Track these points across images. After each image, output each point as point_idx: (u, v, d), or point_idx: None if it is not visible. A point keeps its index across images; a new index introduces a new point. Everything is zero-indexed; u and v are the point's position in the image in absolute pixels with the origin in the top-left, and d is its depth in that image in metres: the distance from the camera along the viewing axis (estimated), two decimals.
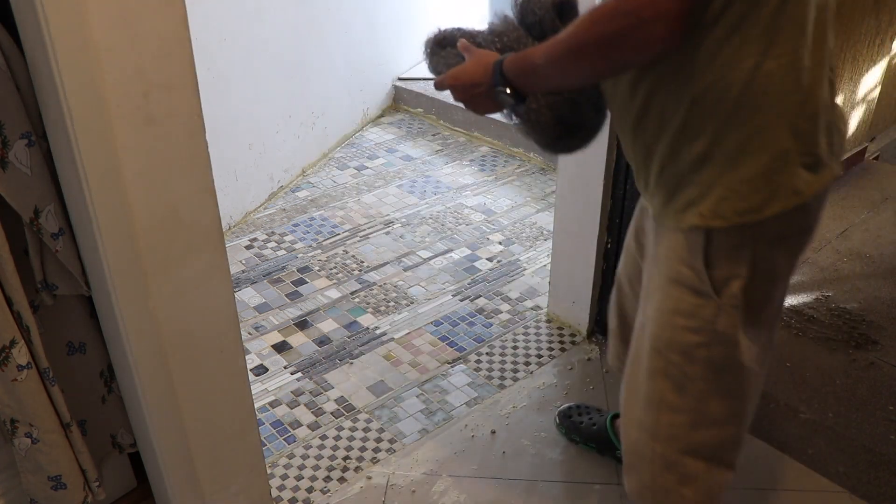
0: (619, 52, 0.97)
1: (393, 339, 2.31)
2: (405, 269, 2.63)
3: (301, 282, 2.57)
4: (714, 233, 1.08)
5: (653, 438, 1.25)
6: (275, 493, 1.79)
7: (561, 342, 2.28)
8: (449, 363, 2.21)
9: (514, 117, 1.23)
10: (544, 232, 2.84)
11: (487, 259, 2.68)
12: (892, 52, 2.99)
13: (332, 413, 2.03)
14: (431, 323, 2.37)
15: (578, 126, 1.23)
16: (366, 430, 1.98)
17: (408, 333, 2.33)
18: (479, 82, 1.21)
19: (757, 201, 1.05)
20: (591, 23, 0.98)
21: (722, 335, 1.14)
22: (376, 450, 1.92)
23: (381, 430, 1.97)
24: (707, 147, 1.04)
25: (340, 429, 1.98)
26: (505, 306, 2.44)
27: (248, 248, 2.76)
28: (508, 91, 1.16)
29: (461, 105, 1.29)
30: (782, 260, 1.15)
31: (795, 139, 1.04)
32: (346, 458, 1.89)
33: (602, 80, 1.17)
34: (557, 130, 1.21)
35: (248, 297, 2.49)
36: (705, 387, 1.18)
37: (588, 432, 1.90)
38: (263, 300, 2.48)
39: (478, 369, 2.18)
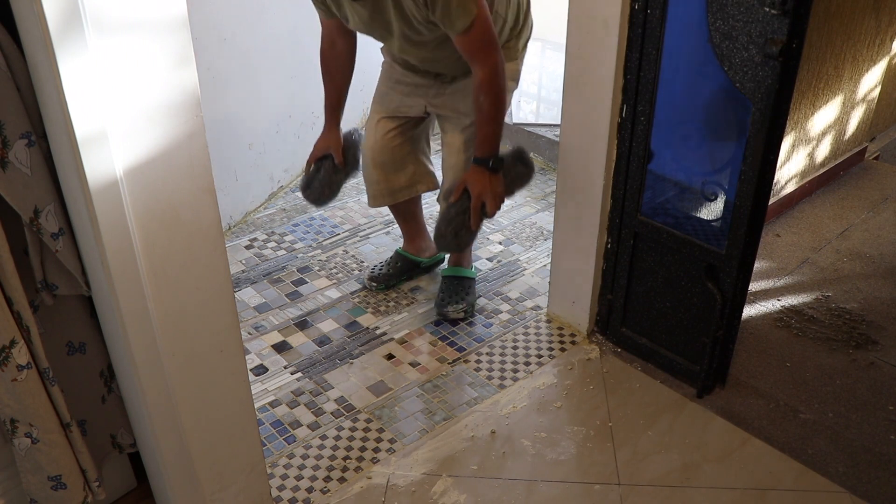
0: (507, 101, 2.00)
1: (393, 339, 2.31)
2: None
3: (301, 282, 2.57)
4: None
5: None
6: (275, 493, 1.79)
7: (561, 342, 2.28)
8: (449, 363, 2.21)
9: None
10: (544, 232, 2.84)
11: (487, 259, 2.68)
12: (892, 52, 2.99)
13: (332, 413, 2.03)
14: (431, 323, 2.37)
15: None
16: (366, 430, 1.98)
17: (408, 333, 2.33)
18: (489, 181, 1.97)
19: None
20: (497, 95, 1.91)
21: None
22: (376, 450, 1.92)
23: (381, 430, 1.97)
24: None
25: (340, 429, 1.98)
26: (505, 306, 2.44)
27: (248, 248, 2.76)
28: (498, 160, 1.97)
29: (497, 209, 2.03)
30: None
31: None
32: (346, 458, 1.89)
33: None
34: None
35: (248, 297, 2.49)
36: None
37: (396, 271, 2.51)
38: (263, 300, 2.48)
39: (478, 369, 2.18)
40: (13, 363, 1.27)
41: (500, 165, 1.95)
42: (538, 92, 3.91)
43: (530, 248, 2.75)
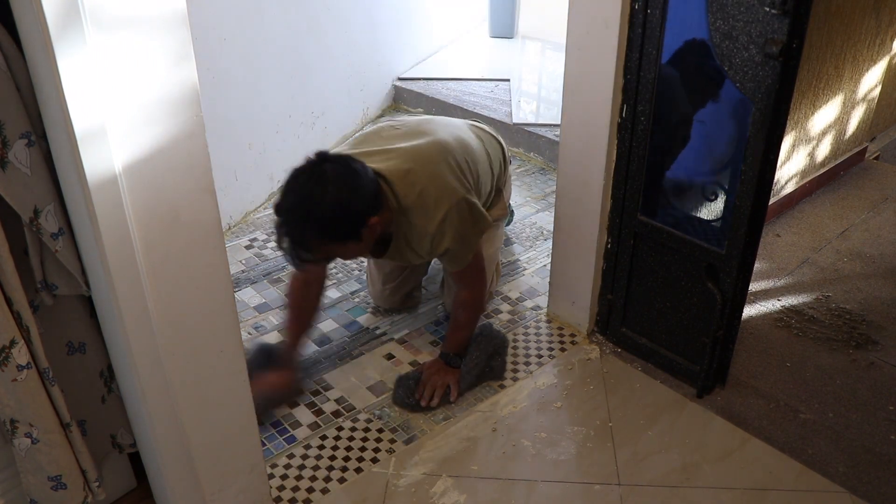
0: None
1: (393, 339, 2.31)
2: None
3: None
4: None
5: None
6: (275, 493, 1.79)
7: (561, 342, 2.28)
8: None
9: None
10: (544, 232, 2.84)
11: None
12: (893, 52, 2.99)
13: (332, 413, 2.03)
14: (432, 323, 2.37)
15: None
16: (366, 430, 1.98)
17: (408, 333, 2.33)
18: (441, 372, 2.08)
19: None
20: (476, 313, 2.15)
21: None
22: (376, 450, 1.92)
23: (380, 430, 1.97)
24: None
25: (340, 429, 1.98)
26: (505, 306, 2.44)
27: (248, 248, 2.76)
28: (459, 356, 2.12)
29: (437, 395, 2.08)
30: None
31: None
32: (346, 458, 1.89)
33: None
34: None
35: (248, 297, 2.49)
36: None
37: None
38: (263, 300, 2.48)
39: None
40: (13, 363, 1.27)
41: (457, 363, 2.09)
42: (538, 92, 3.91)
43: (530, 248, 2.75)
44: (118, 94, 1.12)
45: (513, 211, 2.85)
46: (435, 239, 1.92)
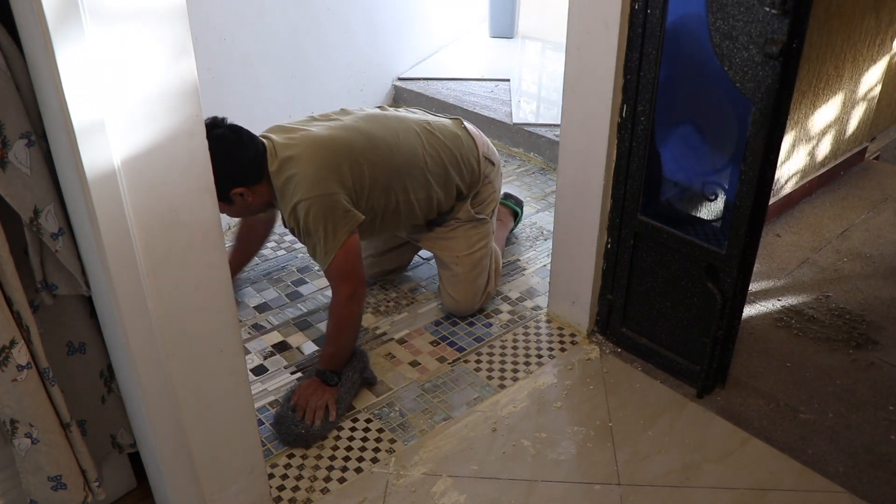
0: (356, 325, 2.05)
1: (393, 339, 2.31)
2: (405, 269, 2.63)
3: (301, 282, 2.57)
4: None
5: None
6: (275, 493, 1.79)
7: (561, 342, 2.28)
8: (449, 363, 2.21)
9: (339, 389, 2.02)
10: (544, 232, 2.84)
11: None
12: (893, 52, 2.99)
13: None
14: (432, 323, 2.37)
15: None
16: (366, 430, 1.98)
17: (408, 333, 2.33)
18: (315, 390, 1.98)
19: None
20: (341, 321, 2.01)
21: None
22: (376, 450, 1.92)
23: (381, 430, 1.97)
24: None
25: (340, 429, 1.98)
26: (505, 306, 2.44)
27: None
28: (336, 374, 2.02)
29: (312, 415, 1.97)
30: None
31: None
32: (346, 458, 1.89)
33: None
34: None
35: (248, 297, 2.49)
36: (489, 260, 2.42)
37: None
38: (263, 300, 2.48)
39: (478, 369, 2.18)
40: (13, 363, 1.27)
41: (335, 381, 2.00)
42: (538, 92, 3.91)
43: (530, 248, 2.75)
44: (117, 88, 1.12)
45: (518, 213, 2.82)
46: (290, 224, 2.02)
